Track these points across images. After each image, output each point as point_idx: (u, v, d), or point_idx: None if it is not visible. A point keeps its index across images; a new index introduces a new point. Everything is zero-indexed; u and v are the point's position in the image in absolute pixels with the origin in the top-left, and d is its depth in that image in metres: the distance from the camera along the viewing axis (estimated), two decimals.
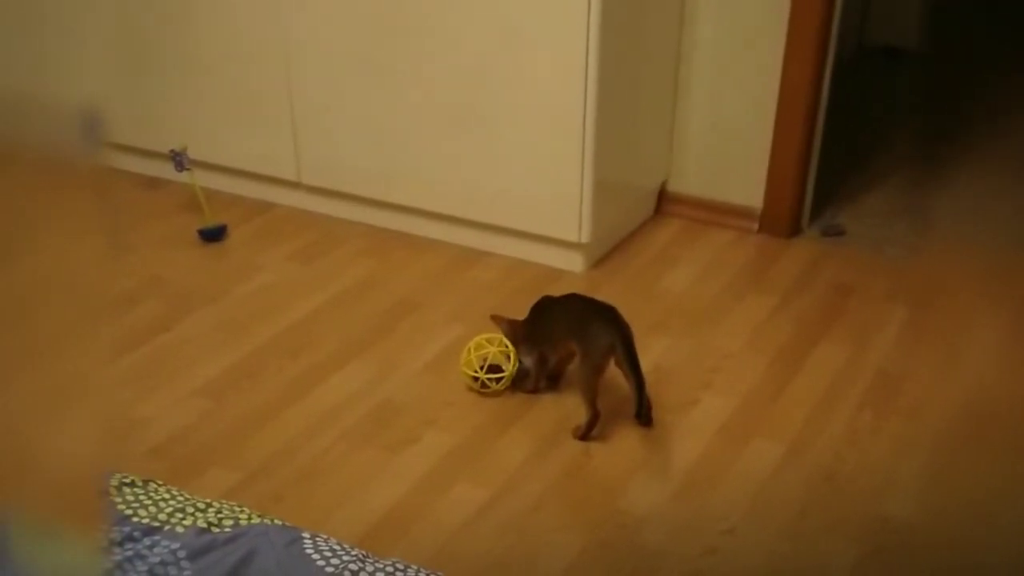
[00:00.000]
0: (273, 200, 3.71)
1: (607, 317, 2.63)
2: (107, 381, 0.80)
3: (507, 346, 2.77)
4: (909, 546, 2.33)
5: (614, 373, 2.64)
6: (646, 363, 2.85)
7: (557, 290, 3.21)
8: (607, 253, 3.44)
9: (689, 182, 3.65)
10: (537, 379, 2.79)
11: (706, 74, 3.49)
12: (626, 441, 2.63)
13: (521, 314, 2.81)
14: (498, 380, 2.76)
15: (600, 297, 2.74)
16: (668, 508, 2.43)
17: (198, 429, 2.66)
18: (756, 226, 3.58)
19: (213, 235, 3.48)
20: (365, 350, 2.96)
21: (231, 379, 2.84)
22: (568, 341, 2.68)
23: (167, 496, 1.83)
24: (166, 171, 3.66)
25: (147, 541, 1.72)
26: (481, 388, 2.77)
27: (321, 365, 2.89)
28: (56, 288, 0.78)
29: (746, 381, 2.85)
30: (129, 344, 2.96)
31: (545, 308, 2.79)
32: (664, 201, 3.69)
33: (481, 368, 2.76)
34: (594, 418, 2.63)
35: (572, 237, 3.27)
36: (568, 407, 2.73)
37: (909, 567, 2.29)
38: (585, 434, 2.63)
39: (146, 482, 1.84)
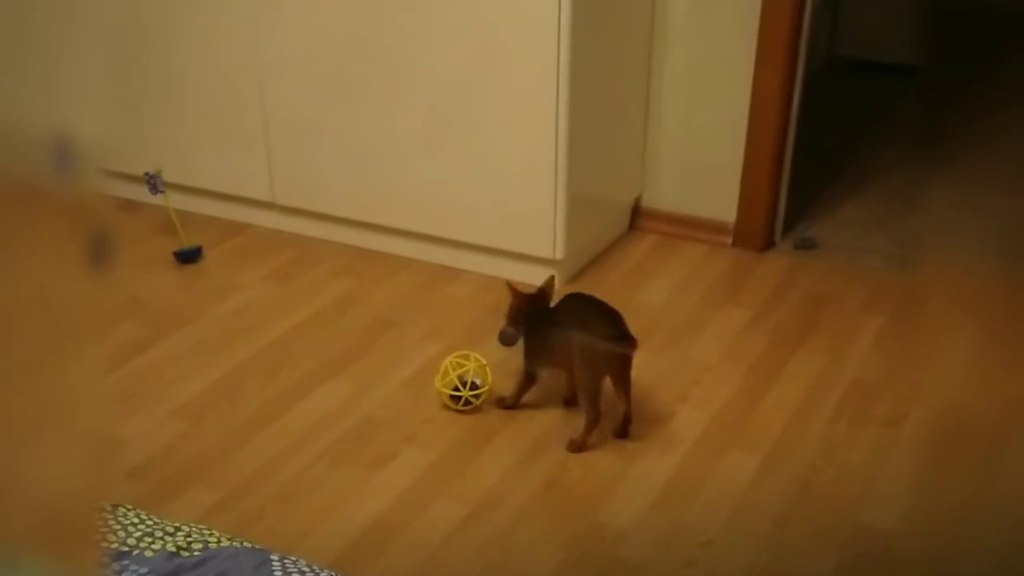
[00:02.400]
0: (248, 221, 3.71)
1: (616, 321, 2.63)
2: (96, 402, 0.81)
3: (482, 362, 2.79)
4: (888, 555, 2.35)
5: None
6: None
7: None
8: (582, 269, 3.46)
9: (662, 197, 3.67)
10: (516, 396, 2.79)
11: (677, 89, 3.52)
12: (604, 455, 2.64)
13: (496, 327, 2.81)
14: (477, 396, 2.77)
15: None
16: (647, 521, 2.45)
17: (177, 449, 2.66)
18: (730, 240, 3.61)
19: (189, 257, 3.48)
20: (343, 368, 2.96)
21: (210, 399, 2.84)
22: (569, 343, 2.63)
23: (136, 520, 1.83)
24: (141, 194, 3.65)
25: (116, 567, 1.72)
26: (463, 406, 2.77)
27: (299, 384, 2.90)
28: (32, 314, 0.79)
29: (723, 393, 2.87)
30: (107, 366, 2.96)
31: (545, 316, 2.75)
32: (638, 216, 3.72)
33: (462, 387, 2.77)
34: (594, 420, 2.63)
35: (547, 253, 3.28)
36: (546, 422, 2.75)
37: (888, 575, 2.31)
38: (583, 442, 2.63)
39: (115, 507, 1.85)
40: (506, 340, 2.77)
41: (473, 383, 2.78)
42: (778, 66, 3.36)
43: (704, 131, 3.54)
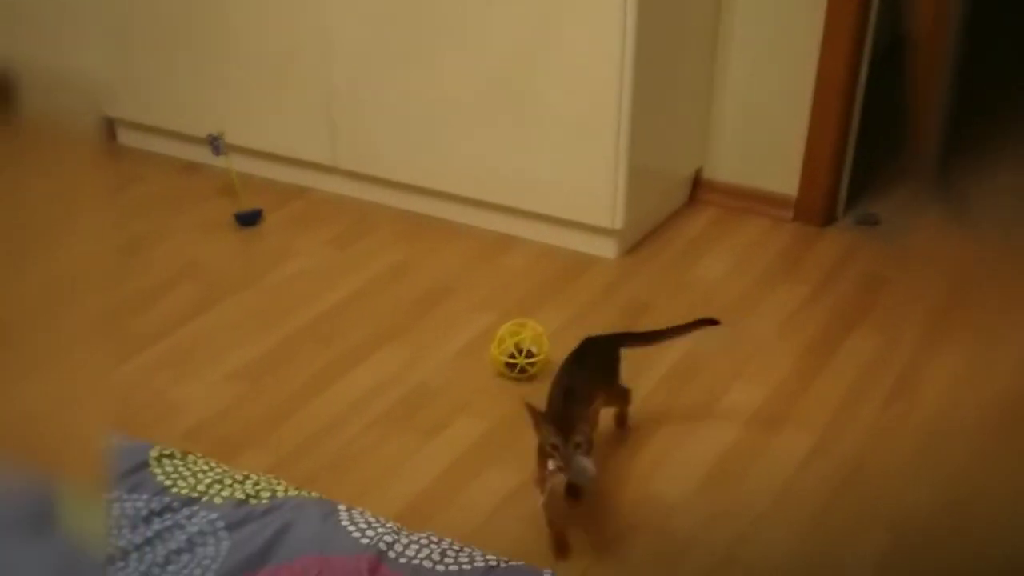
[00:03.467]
0: (308, 185, 3.73)
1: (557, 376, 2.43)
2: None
3: (539, 330, 2.79)
4: (936, 539, 2.34)
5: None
6: (677, 352, 2.87)
7: (589, 277, 3.23)
8: (640, 240, 3.44)
9: (724, 169, 3.64)
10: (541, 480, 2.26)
11: (742, 61, 3.48)
12: (657, 430, 2.64)
13: (552, 297, 2.81)
14: (533, 364, 2.77)
15: (632, 285, 2.73)
16: (697, 496, 2.44)
17: (233, 413, 2.69)
18: (791, 214, 3.57)
19: (249, 219, 3.51)
20: (398, 336, 2.98)
21: (265, 364, 2.87)
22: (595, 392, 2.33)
23: (205, 468, 1.86)
24: (203, 155, 3.69)
25: (186, 512, 1.75)
26: (518, 374, 2.78)
27: (354, 350, 2.92)
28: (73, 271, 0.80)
29: (777, 371, 2.85)
30: (165, 328, 3.00)
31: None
32: (698, 188, 3.69)
33: (518, 354, 2.77)
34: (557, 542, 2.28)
35: (605, 223, 3.27)
36: None
37: (936, 559, 2.29)
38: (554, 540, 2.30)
39: (185, 454, 1.88)
40: (582, 476, 2.20)
41: (529, 351, 2.78)
42: (845, 41, 3.31)
43: (768, 103, 3.50)
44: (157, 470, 1.84)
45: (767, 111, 3.51)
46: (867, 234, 3.52)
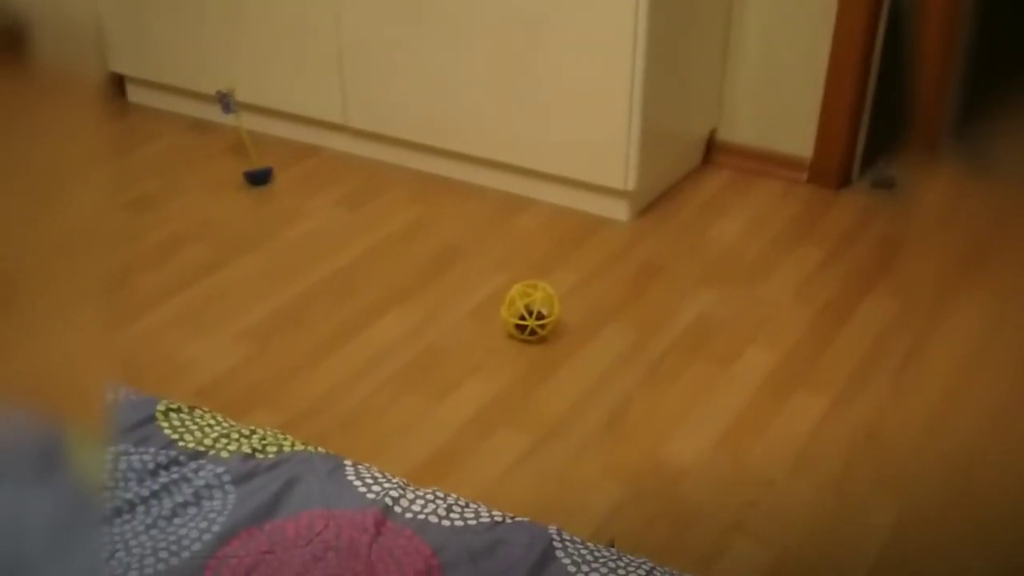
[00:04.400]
0: (319, 143, 3.71)
1: None
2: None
3: (549, 292, 2.77)
4: (950, 504, 2.32)
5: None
6: (691, 315, 2.86)
7: (601, 239, 3.21)
8: (653, 202, 3.41)
9: (739, 130, 3.61)
10: None
11: (759, 20, 3.44)
12: (669, 392, 2.63)
13: (564, 258, 2.79)
14: (543, 326, 2.76)
15: (645, 247, 2.71)
16: (709, 460, 2.43)
17: (243, 372, 2.68)
18: (805, 176, 3.54)
19: (259, 178, 3.49)
20: (410, 296, 2.97)
21: (276, 323, 2.85)
22: None
23: (212, 422, 1.85)
24: (213, 113, 3.66)
25: (192, 465, 1.74)
26: (529, 335, 2.76)
27: (365, 311, 2.90)
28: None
29: (791, 335, 2.83)
30: (175, 287, 2.98)
31: None
32: (712, 150, 3.66)
33: (528, 316, 2.75)
34: None
35: (618, 184, 3.24)
36: (610, 354, 2.73)
37: (949, 525, 2.28)
38: None
39: (192, 408, 1.87)
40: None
41: (539, 313, 2.76)
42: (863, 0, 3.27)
43: (784, 63, 3.46)
44: (164, 424, 1.83)
45: (783, 71, 3.47)
46: (883, 196, 3.49)
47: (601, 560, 1.55)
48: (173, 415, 1.85)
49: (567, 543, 1.58)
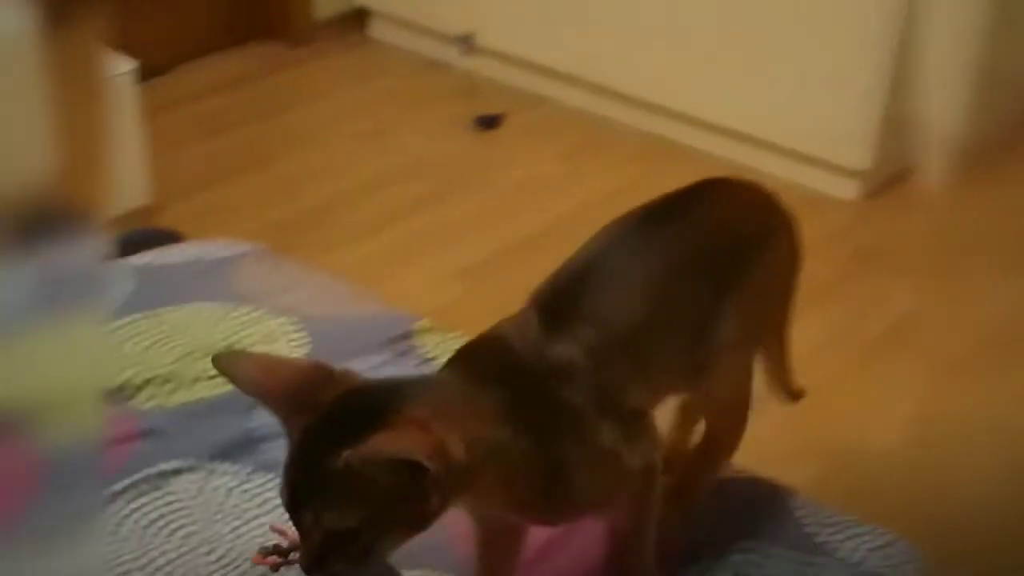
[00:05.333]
0: (549, 94, 3.70)
1: None
2: None
3: None
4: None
5: None
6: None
7: (825, 217, 3.11)
8: (883, 184, 3.28)
9: None
10: None
11: None
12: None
13: None
14: None
15: (869, 229, 2.58)
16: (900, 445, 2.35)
17: (451, 311, 2.71)
18: None
19: (489, 123, 3.52)
20: None
21: (488, 267, 2.88)
22: None
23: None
24: (450, 55, 3.70)
25: None
26: None
27: None
28: None
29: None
30: (388, 220, 3.04)
31: None
32: None
33: None
34: None
35: (851, 163, 3.14)
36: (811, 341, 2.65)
37: None
38: None
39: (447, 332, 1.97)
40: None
41: None
42: None
43: None
44: (421, 342, 1.89)
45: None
46: None
47: None
48: (428, 335, 1.90)
49: None
